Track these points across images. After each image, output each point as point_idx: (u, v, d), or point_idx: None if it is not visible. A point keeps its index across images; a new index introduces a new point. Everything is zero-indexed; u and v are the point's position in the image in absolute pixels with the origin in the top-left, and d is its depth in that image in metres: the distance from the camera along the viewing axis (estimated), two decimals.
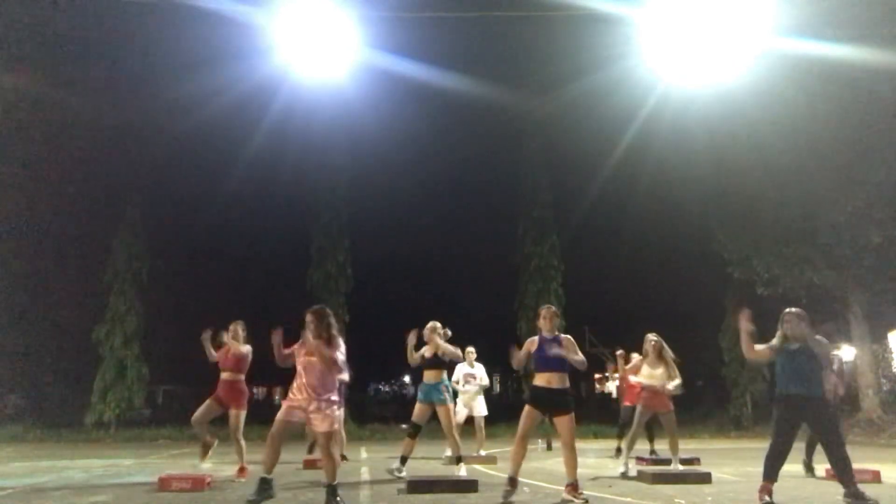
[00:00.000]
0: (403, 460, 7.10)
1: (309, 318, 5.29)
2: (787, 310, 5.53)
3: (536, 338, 5.60)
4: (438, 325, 7.29)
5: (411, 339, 7.17)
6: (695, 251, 18.67)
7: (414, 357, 7.27)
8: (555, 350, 5.42)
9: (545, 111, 18.32)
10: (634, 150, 17.51)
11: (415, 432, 7.19)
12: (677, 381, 7.55)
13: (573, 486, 5.31)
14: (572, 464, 5.38)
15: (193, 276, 21.02)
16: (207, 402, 6.97)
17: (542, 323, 5.59)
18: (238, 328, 7.15)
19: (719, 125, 14.69)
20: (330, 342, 5.23)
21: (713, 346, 18.86)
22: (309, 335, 5.24)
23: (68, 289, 18.84)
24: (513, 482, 5.39)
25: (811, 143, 13.91)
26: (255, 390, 36.67)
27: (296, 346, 5.35)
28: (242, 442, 6.93)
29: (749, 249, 15.89)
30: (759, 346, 5.50)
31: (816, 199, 14.64)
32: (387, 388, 53.74)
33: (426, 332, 7.22)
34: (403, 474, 6.92)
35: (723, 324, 18.59)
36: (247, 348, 7.10)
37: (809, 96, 13.10)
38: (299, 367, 5.25)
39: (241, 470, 6.89)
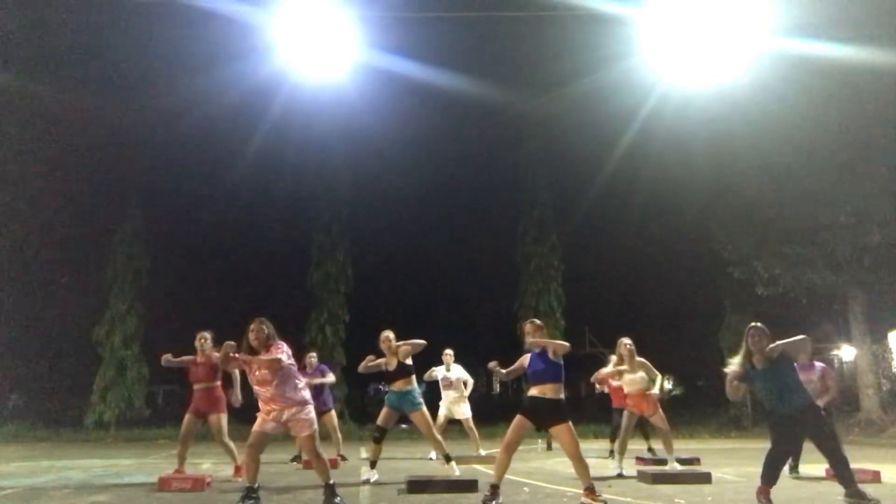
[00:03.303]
0: (373, 464, 7.05)
1: (252, 328, 5.17)
2: (751, 324, 5.40)
3: (528, 354, 5.57)
4: (391, 334, 7.07)
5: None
6: (695, 251, 18.66)
7: (368, 365, 7.05)
8: (542, 361, 5.40)
9: (545, 111, 18.29)
10: (634, 150, 17.51)
11: (381, 437, 7.06)
12: (658, 380, 7.57)
13: (590, 490, 5.20)
14: (583, 472, 5.26)
15: (193, 276, 21.00)
16: (187, 417, 6.83)
17: (529, 339, 5.52)
18: (206, 338, 6.99)
19: (719, 125, 14.68)
20: (269, 349, 5.13)
21: (713, 346, 18.85)
22: (250, 348, 5.16)
23: (68, 289, 18.84)
24: (494, 490, 5.24)
25: (811, 143, 13.90)
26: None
27: (241, 356, 5.19)
28: (231, 444, 6.86)
29: (749, 249, 15.88)
30: (731, 389, 5.33)
31: (816, 199, 14.63)
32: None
33: (382, 343, 7.02)
34: (376, 478, 6.87)
35: (723, 324, 18.58)
36: (215, 356, 6.88)
37: (809, 96, 13.11)
38: (256, 385, 5.13)
39: (237, 469, 6.89)
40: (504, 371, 5.62)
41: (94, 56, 15.46)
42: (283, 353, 5.12)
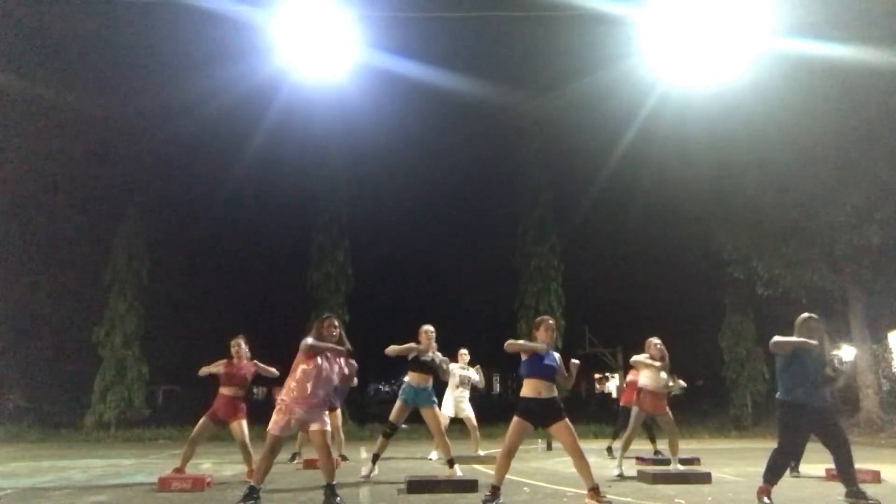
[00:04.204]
0: (375, 458, 7.07)
1: (329, 324, 5.42)
2: (809, 315, 5.55)
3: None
4: (433, 329, 7.15)
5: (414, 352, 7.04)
6: (695, 251, 18.66)
7: (405, 347, 6.98)
8: (554, 362, 5.43)
9: (545, 111, 18.30)
10: (634, 150, 17.51)
11: (392, 433, 7.09)
12: (679, 383, 7.81)
13: (595, 490, 5.17)
14: (585, 470, 5.22)
15: (193, 276, 21.00)
16: (203, 420, 6.71)
17: (543, 334, 5.50)
18: (241, 343, 6.90)
19: (719, 125, 14.68)
20: (342, 350, 5.39)
21: (713, 346, 18.85)
22: (327, 342, 5.29)
23: (68, 289, 18.83)
24: (495, 491, 5.26)
25: (811, 143, 13.91)
26: (255, 390, 36.66)
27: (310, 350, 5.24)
28: (251, 448, 6.76)
29: (749, 249, 15.88)
30: (792, 342, 5.41)
31: (816, 199, 14.64)
32: (387, 388, 53.65)
33: (423, 335, 7.09)
34: (376, 472, 6.92)
35: (723, 324, 18.58)
36: (258, 366, 6.89)
37: (809, 96, 13.10)
38: (311, 375, 5.15)
39: (252, 471, 6.88)
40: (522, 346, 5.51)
41: (93, 56, 15.45)
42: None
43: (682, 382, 7.95)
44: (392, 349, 6.98)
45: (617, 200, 20.16)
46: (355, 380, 8.58)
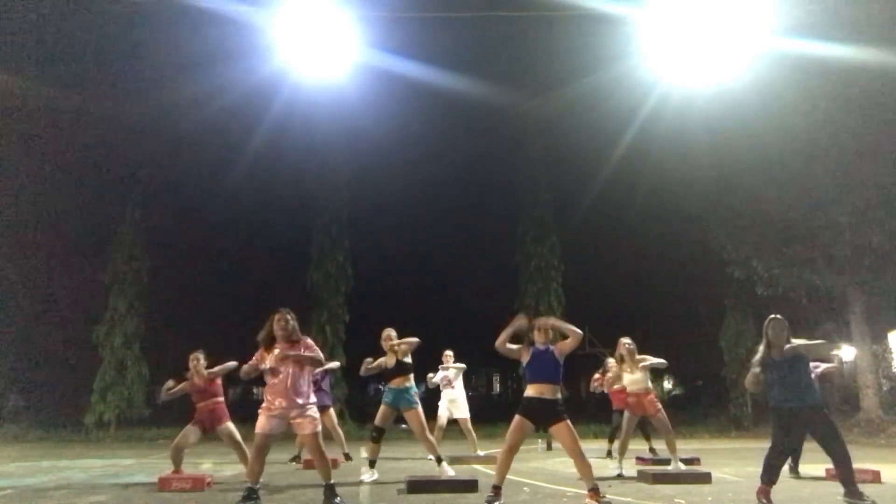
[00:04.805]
0: (372, 464, 7.09)
1: (279, 318, 5.25)
2: (771, 316, 5.56)
3: (530, 348, 5.52)
4: (393, 332, 7.14)
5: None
6: (695, 252, 18.65)
7: (368, 368, 7.06)
8: (548, 360, 5.40)
9: (545, 111, 18.30)
10: (634, 150, 17.50)
11: (379, 436, 7.10)
12: (659, 361, 7.58)
13: (594, 491, 5.17)
14: (586, 470, 5.23)
15: (193, 276, 20.99)
16: (189, 427, 6.72)
17: (537, 335, 5.51)
18: (199, 358, 6.88)
19: (719, 125, 14.67)
20: (296, 343, 5.25)
21: (713, 346, 18.85)
22: (278, 339, 5.23)
23: (68, 289, 18.84)
24: (497, 490, 5.25)
25: (811, 143, 13.90)
26: (255, 390, 36.66)
27: (259, 355, 5.27)
28: (245, 448, 6.68)
29: (749, 249, 15.88)
30: (752, 378, 5.50)
31: (816, 200, 14.63)
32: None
33: (383, 341, 7.08)
34: (375, 477, 6.92)
35: (723, 324, 18.58)
36: (212, 373, 6.85)
37: (810, 96, 13.10)
38: (273, 375, 5.17)
39: None
40: (511, 347, 5.55)
41: (94, 56, 15.46)
42: (318, 350, 5.36)
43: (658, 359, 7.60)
44: (362, 372, 7.15)
45: (617, 200, 20.14)
46: (331, 364, 8.64)
